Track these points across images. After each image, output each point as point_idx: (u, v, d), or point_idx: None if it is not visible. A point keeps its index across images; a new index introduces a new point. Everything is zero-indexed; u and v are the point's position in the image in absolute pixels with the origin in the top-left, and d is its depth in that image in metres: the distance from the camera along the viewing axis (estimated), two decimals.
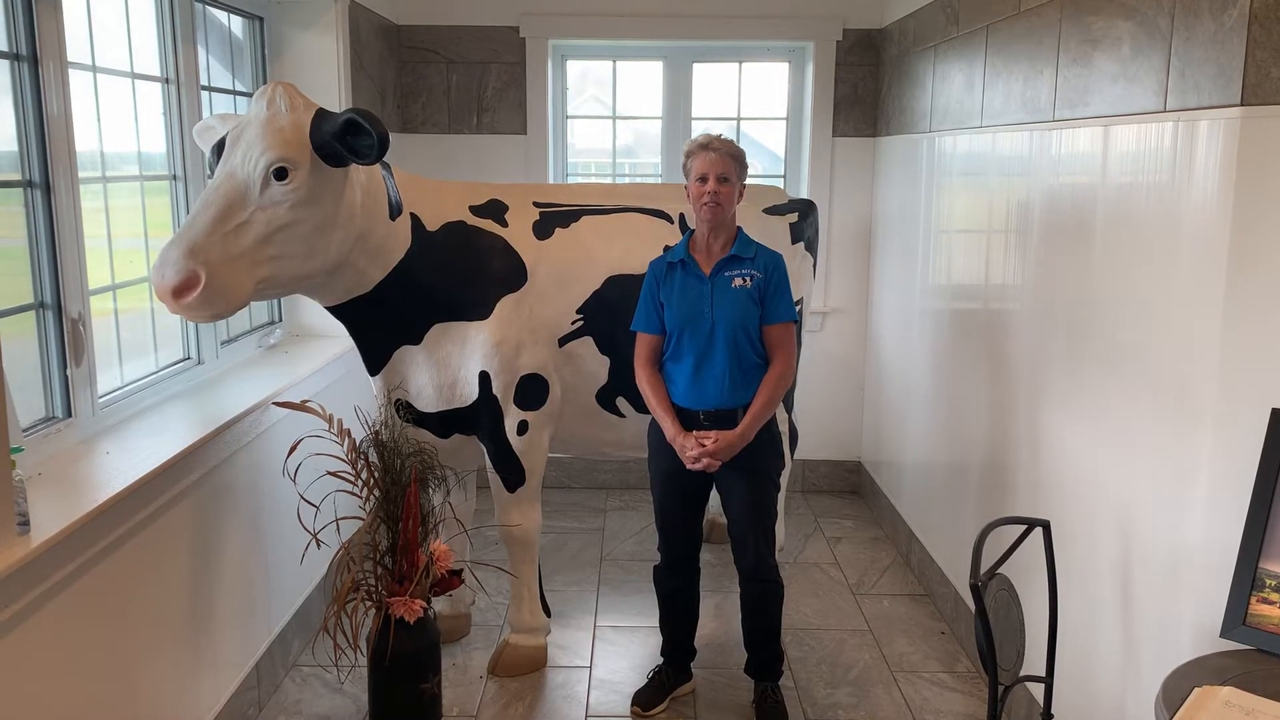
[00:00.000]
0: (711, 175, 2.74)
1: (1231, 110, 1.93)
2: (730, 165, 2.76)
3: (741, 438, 2.77)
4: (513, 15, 4.56)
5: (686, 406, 2.82)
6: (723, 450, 2.75)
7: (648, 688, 3.06)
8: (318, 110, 2.53)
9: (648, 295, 2.87)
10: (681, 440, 2.78)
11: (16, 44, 2.24)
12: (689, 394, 2.82)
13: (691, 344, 2.80)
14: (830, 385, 4.88)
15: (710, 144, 2.77)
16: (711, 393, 2.79)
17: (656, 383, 2.87)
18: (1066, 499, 2.62)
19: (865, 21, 4.58)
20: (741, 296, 2.79)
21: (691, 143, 2.83)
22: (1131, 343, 2.29)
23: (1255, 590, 1.86)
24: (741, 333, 2.78)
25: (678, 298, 2.82)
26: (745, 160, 2.83)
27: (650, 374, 2.87)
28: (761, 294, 2.80)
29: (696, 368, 2.80)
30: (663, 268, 2.86)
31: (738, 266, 2.81)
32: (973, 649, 3.32)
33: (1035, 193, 2.83)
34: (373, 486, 2.82)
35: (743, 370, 2.80)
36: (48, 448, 2.31)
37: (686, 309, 2.81)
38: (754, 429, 2.79)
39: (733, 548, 2.94)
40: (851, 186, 4.72)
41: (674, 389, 2.85)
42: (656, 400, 2.85)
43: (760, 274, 2.81)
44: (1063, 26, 2.66)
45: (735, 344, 2.78)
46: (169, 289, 2.30)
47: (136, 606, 2.32)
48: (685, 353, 2.81)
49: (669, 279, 2.85)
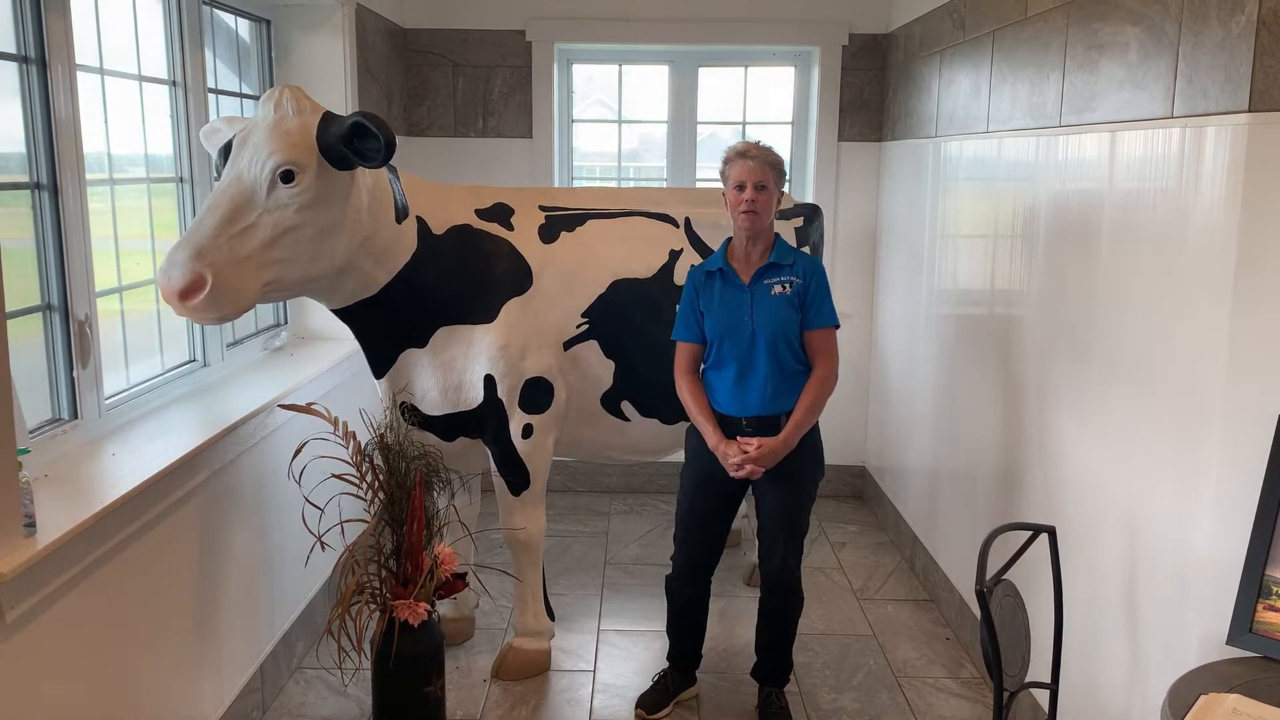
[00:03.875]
0: (749, 183, 2.73)
1: (1239, 116, 1.93)
2: (768, 173, 2.75)
3: (785, 444, 2.75)
4: (519, 19, 4.57)
5: (729, 414, 2.81)
6: (766, 457, 2.73)
7: (652, 691, 3.06)
8: (324, 113, 2.53)
9: (687, 304, 2.86)
10: (724, 448, 2.77)
11: (25, 46, 2.24)
12: (731, 401, 2.80)
13: (733, 352, 2.78)
14: (835, 390, 4.85)
15: (748, 152, 2.76)
16: (754, 400, 2.78)
17: (698, 391, 2.85)
18: (1072, 505, 2.62)
19: (871, 27, 4.59)
20: (781, 303, 2.78)
21: (730, 150, 2.82)
22: (1138, 349, 2.28)
23: (1262, 597, 1.86)
24: (782, 340, 2.77)
25: (718, 306, 2.81)
26: (783, 167, 2.82)
27: (691, 382, 2.86)
28: (801, 300, 2.79)
29: (739, 375, 2.78)
30: (701, 276, 2.85)
31: (777, 274, 2.80)
32: (978, 655, 3.31)
33: (1041, 198, 2.83)
34: (377, 489, 2.83)
35: (785, 377, 2.79)
36: (54, 449, 2.31)
37: (727, 317, 2.79)
38: (797, 436, 2.77)
39: (760, 550, 2.92)
40: (857, 191, 4.72)
41: (715, 397, 2.84)
42: (698, 408, 2.83)
43: (800, 280, 2.79)
44: (1069, 32, 2.66)
45: (776, 351, 2.77)
46: (175, 291, 2.31)
47: (142, 608, 2.32)
48: (727, 361, 2.80)
49: (708, 287, 2.84)
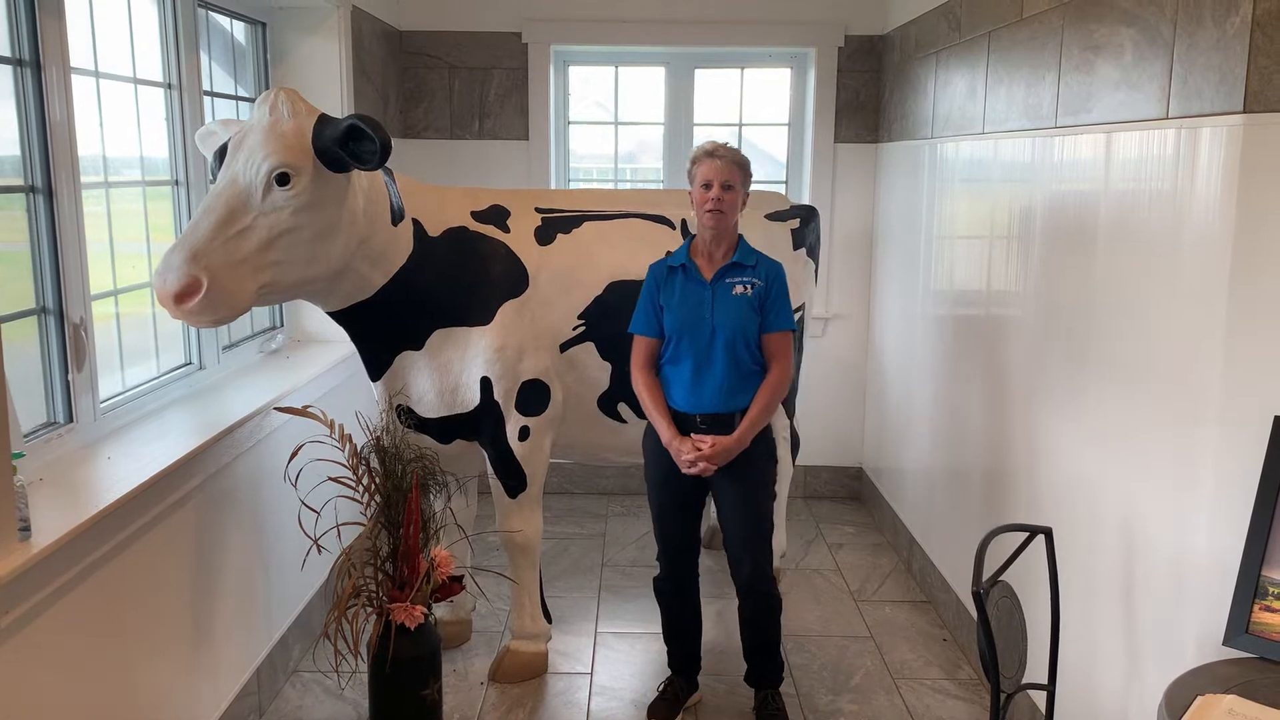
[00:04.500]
0: (716, 182, 2.75)
1: (1234, 117, 1.93)
2: (735, 172, 2.77)
3: (738, 442, 2.77)
4: (515, 21, 4.57)
5: (683, 410, 2.83)
6: (719, 455, 2.75)
7: (662, 700, 3.03)
8: (320, 116, 2.53)
9: (647, 298, 2.87)
10: (677, 444, 2.79)
11: (20, 49, 2.24)
12: (687, 398, 2.82)
13: (691, 348, 2.80)
14: (832, 391, 4.88)
15: (715, 151, 2.78)
16: (709, 397, 2.79)
17: (654, 386, 2.87)
18: (1069, 506, 2.62)
19: (867, 28, 4.59)
20: (742, 304, 2.80)
21: (697, 149, 2.84)
22: (1134, 350, 2.29)
23: (1258, 598, 1.86)
24: (741, 339, 2.79)
25: (678, 302, 2.82)
26: (749, 168, 2.84)
27: (648, 378, 2.88)
28: (762, 302, 2.81)
29: (695, 372, 2.80)
30: (663, 271, 2.87)
31: (739, 274, 2.82)
32: (975, 656, 3.31)
33: (1037, 199, 2.83)
34: (374, 492, 2.82)
35: (741, 376, 2.80)
36: (49, 453, 2.31)
37: (687, 314, 2.81)
38: (750, 434, 2.79)
39: (729, 560, 2.92)
40: (853, 192, 4.72)
41: (671, 393, 2.85)
42: (653, 404, 2.85)
43: (761, 282, 2.82)
44: (1065, 33, 2.66)
45: (734, 350, 2.79)
46: (171, 294, 2.30)
47: (137, 612, 2.32)
48: (684, 357, 2.81)
49: (669, 283, 2.85)
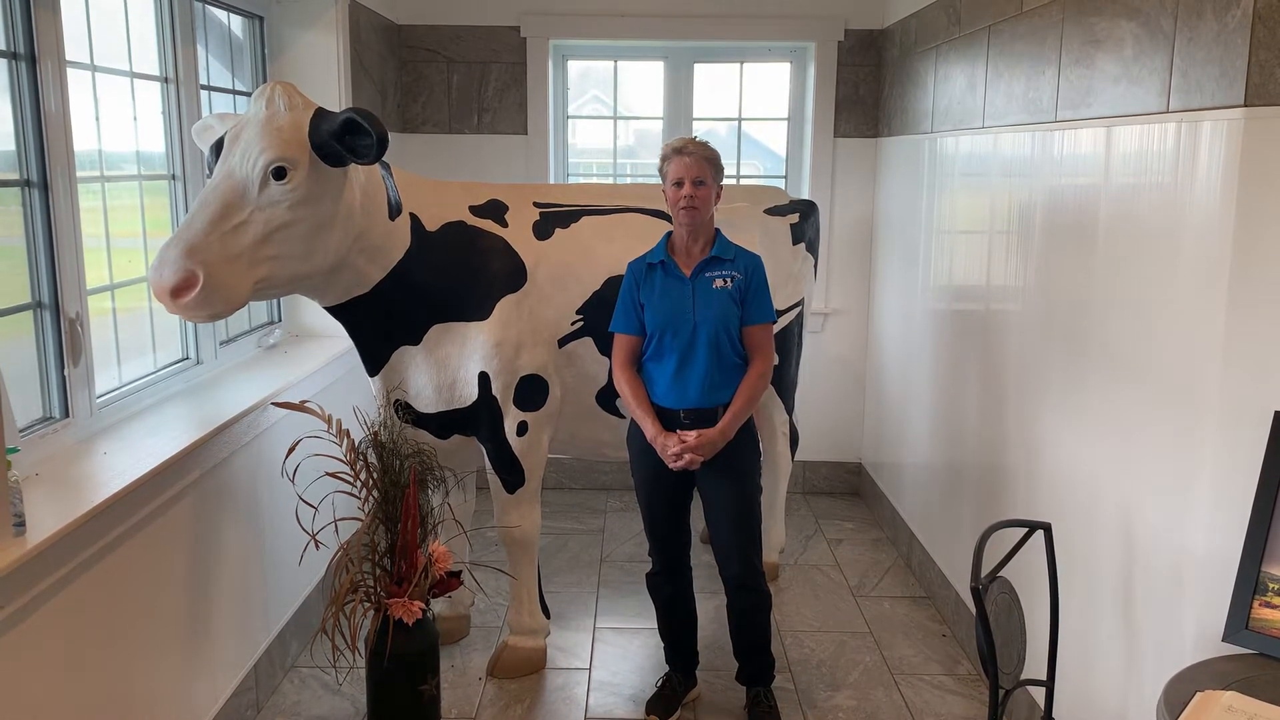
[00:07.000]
0: (687, 179, 2.75)
1: (1234, 111, 1.92)
2: (705, 168, 2.76)
3: (722, 435, 2.77)
4: (513, 15, 4.55)
5: (667, 406, 2.82)
6: (704, 447, 2.75)
7: (660, 696, 3.02)
8: (317, 110, 2.52)
9: (627, 296, 2.87)
10: (663, 440, 2.78)
11: (14, 43, 2.23)
12: (670, 394, 2.81)
13: (674, 344, 2.80)
14: (831, 386, 4.87)
15: (684, 148, 2.78)
16: (693, 392, 2.79)
17: (636, 384, 2.87)
18: (1068, 502, 2.61)
19: (867, 22, 4.58)
20: (723, 297, 2.80)
21: (666, 147, 2.83)
22: (1133, 344, 2.28)
23: (1258, 594, 1.86)
24: (723, 333, 2.79)
25: (659, 299, 2.82)
26: (720, 162, 2.83)
27: (630, 375, 2.87)
28: (742, 295, 2.81)
29: (679, 368, 2.80)
30: (642, 269, 2.86)
31: (718, 268, 2.82)
32: (974, 652, 3.31)
33: (1037, 194, 2.82)
34: (371, 487, 2.82)
35: (723, 370, 2.80)
36: (45, 448, 2.30)
37: (668, 310, 2.80)
38: (734, 427, 2.79)
39: (716, 557, 2.92)
40: (853, 187, 4.71)
41: (654, 389, 2.85)
42: (636, 401, 2.84)
43: (741, 275, 2.82)
44: (1065, 27, 2.65)
45: (717, 344, 2.79)
46: (167, 289, 2.30)
47: (134, 608, 2.31)
48: (667, 353, 2.81)
49: (649, 280, 2.85)
